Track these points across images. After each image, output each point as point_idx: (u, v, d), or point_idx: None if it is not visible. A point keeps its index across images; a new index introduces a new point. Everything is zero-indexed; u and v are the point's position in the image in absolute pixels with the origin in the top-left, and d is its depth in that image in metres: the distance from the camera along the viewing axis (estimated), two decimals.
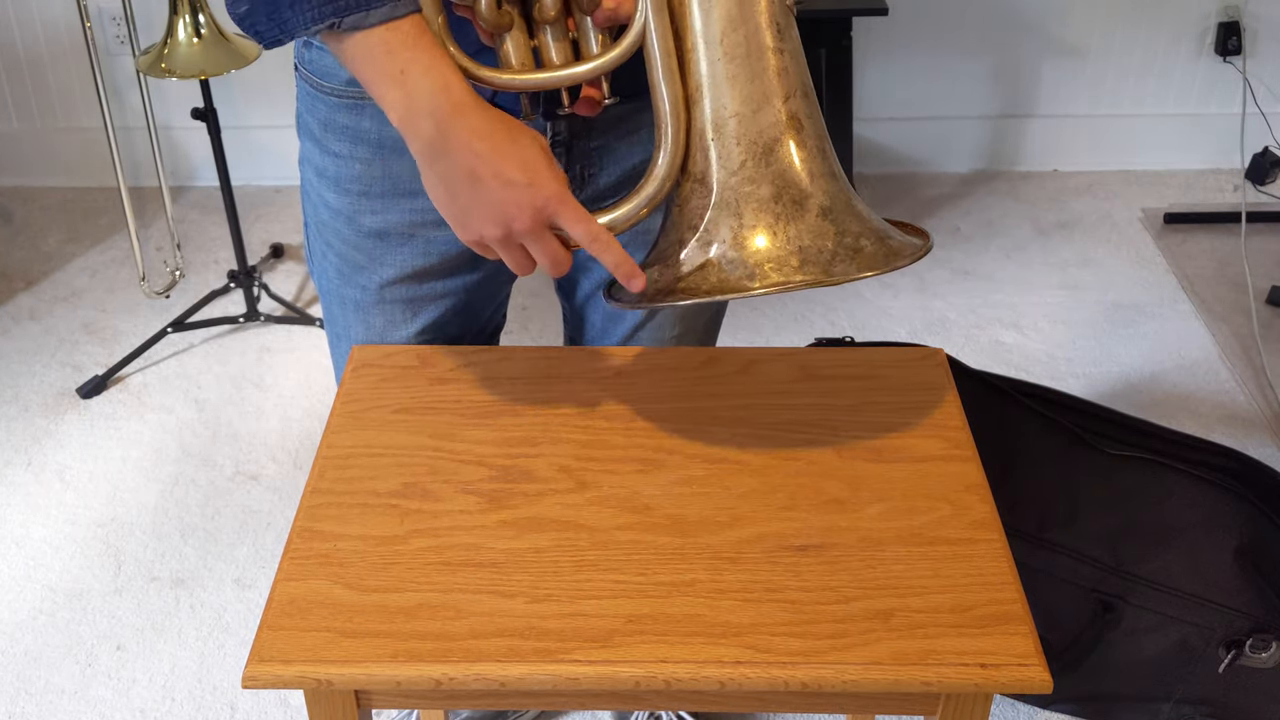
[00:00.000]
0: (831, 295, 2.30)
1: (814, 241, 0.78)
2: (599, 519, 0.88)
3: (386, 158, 1.00)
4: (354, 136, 1.00)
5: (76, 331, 2.23)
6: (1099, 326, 2.26)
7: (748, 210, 0.79)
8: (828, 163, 0.81)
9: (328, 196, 1.05)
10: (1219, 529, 1.32)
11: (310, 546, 0.86)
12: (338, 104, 0.99)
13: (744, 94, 0.79)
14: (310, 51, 0.99)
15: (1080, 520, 1.37)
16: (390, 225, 1.04)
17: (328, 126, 1.01)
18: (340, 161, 1.02)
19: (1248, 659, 1.32)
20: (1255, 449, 1.94)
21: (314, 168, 1.05)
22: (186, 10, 1.87)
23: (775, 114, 0.79)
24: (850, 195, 0.81)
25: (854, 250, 0.78)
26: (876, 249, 0.79)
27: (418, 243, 1.05)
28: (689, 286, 0.80)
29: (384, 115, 0.97)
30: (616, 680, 0.77)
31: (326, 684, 0.77)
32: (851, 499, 0.90)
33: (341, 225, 1.05)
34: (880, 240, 0.80)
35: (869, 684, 0.77)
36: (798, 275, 0.77)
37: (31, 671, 1.58)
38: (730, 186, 0.80)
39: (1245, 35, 2.58)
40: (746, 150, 0.79)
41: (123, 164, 2.07)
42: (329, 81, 0.99)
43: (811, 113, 0.81)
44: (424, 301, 1.09)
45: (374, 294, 1.08)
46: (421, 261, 1.06)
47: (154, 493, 1.86)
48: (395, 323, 1.10)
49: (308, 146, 1.05)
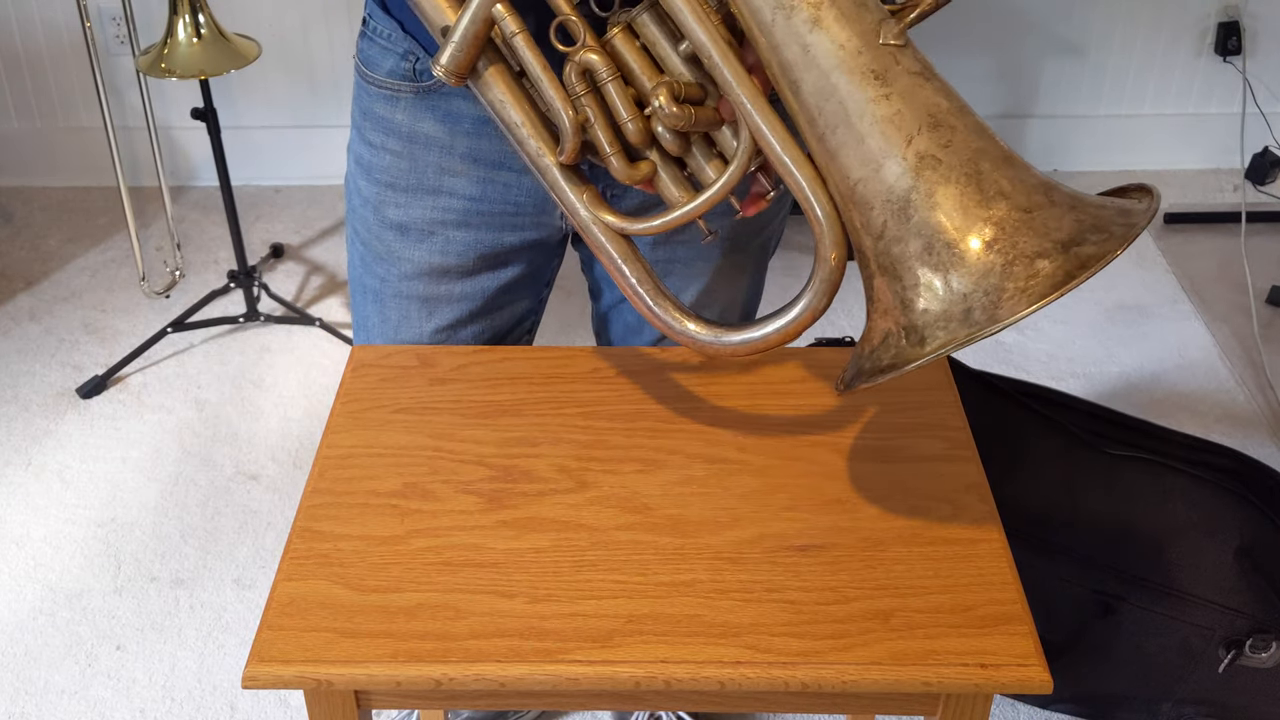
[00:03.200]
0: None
1: (978, 284, 0.72)
2: (599, 519, 0.88)
3: (415, 152, 1.01)
4: (387, 127, 1.01)
5: (76, 331, 2.23)
6: (1099, 326, 2.26)
7: (904, 272, 0.74)
8: (983, 187, 0.73)
9: (360, 184, 1.06)
10: (1219, 529, 1.32)
11: (310, 546, 0.86)
12: (377, 94, 1.01)
13: (858, 158, 0.75)
14: (363, 41, 1.01)
15: (1080, 520, 1.37)
16: (411, 220, 1.04)
17: (366, 115, 1.03)
18: (373, 151, 1.03)
19: (1248, 659, 1.32)
20: (1255, 449, 1.94)
21: (354, 155, 1.07)
22: (186, 10, 1.87)
23: (899, 165, 0.74)
24: (1022, 207, 0.73)
25: (1029, 277, 0.71)
26: (1057, 265, 0.71)
27: (436, 241, 1.05)
28: (871, 367, 0.76)
29: (416, 109, 1.00)
30: (616, 680, 0.77)
31: (326, 684, 0.77)
32: (852, 499, 0.90)
33: (368, 214, 1.06)
34: (1064, 250, 0.71)
35: (869, 684, 0.77)
36: (962, 330, 0.72)
37: (31, 671, 1.58)
38: (880, 252, 0.75)
39: (1245, 35, 2.58)
40: (882, 210, 0.75)
41: (123, 164, 2.07)
42: (373, 72, 1.00)
43: (949, 141, 0.74)
44: (440, 301, 1.09)
45: (392, 286, 1.08)
46: (439, 260, 1.06)
47: (154, 493, 1.86)
48: (410, 319, 1.10)
49: (352, 134, 1.07)
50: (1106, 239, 0.72)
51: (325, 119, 2.63)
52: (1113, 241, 0.71)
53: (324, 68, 2.58)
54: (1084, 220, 0.73)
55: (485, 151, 1.00)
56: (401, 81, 0.99)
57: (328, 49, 2.56)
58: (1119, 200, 0.76)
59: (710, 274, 1.11)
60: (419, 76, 0.98)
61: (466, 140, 1.00)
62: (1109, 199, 0.77)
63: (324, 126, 2.63)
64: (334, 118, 2.63)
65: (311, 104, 2.62)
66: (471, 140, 1.00)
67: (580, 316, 2.24)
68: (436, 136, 1.00)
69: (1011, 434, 1.41)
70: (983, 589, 0.82)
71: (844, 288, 0.84)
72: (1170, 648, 1.36)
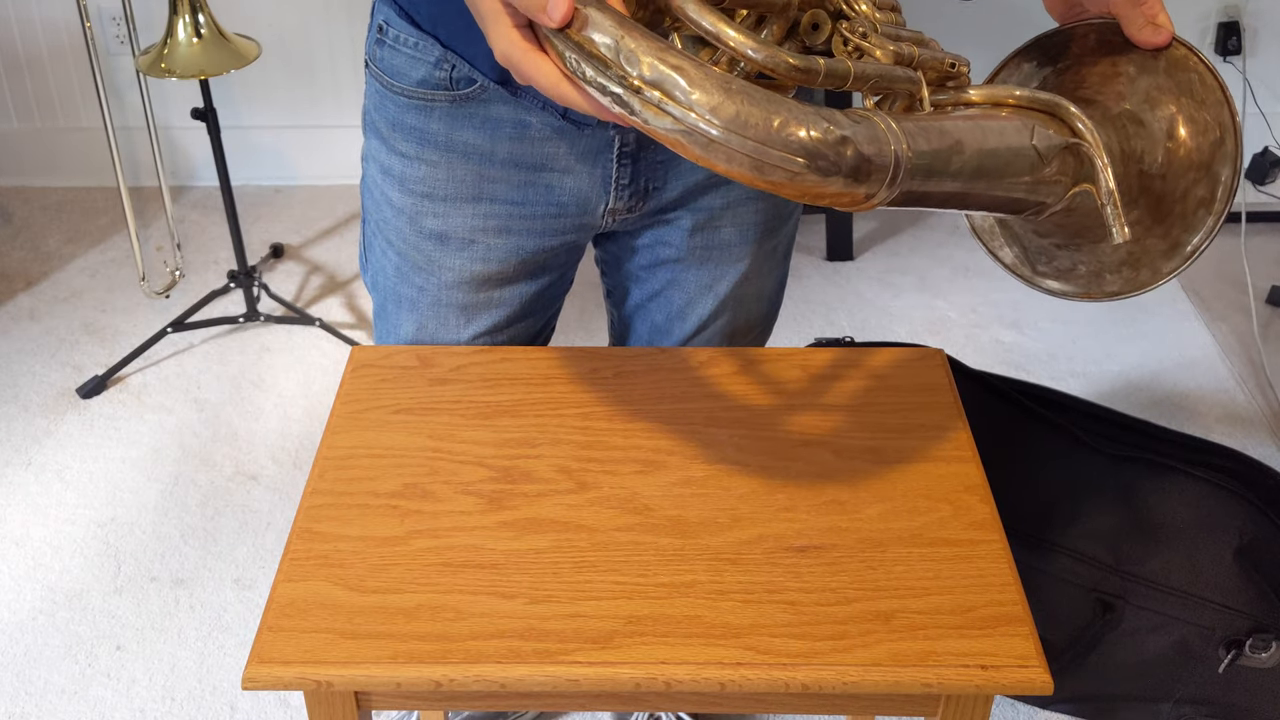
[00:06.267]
0: (831, 295, 2.30)
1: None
2: (599, 520, 0.88)
3: (453, 161, 1.00)
4: (422, 138, 1.00)
5: (76, 331, 2.23)
6: (1099, 326, 2.26)
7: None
8: None
9: (391, 195, 1.05)
10: (1219, 529, 1.32)
11: (310, 547, 0.85)
12: (407, 104, 0.99)
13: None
14: (382, 50, 0.99)
15: (1080, 520, 1.37)
16: (451, 229, 1.04)
17: (396, 126, 1.01)
18: (407, 162, 1.01)
19: (1248, 659, 1.32)
20: (1255, 449, 1.94)
21: (379, 165, 1.05)
22: (186, 10, 1.87)
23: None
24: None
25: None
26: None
27: (478, 248, 1.05)
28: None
29: (452, 118, 0.98)
30: (616, 681, 0.77)
31: (326, 685, 0.77)
32: (851, 500, 0.90)
33: (404, 225, 1.05)
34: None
35: (869, 685, 0.77)
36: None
37: (31, 671, 1.58)
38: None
39: (1245, 35, 2.58)
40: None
41: (123, 164, 2.07)
42: (400, 82, 0.98)
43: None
44: (479, 308, 1.09)
45: (430, 295, 1.08)
46: (480, 267, 1.06)
47: (154, 493, 1.86)
48: (448, 326, 1.10)
49: (374, 144, 1.05)
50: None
51: (325, 119, 2.63)
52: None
53: (324, 68, 2.58)
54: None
55: (527, 155, 1.00)
56: (436, 91, 0.97)
57: (328, 49, 2.56)
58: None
59: (748, 260, 1.12)
60: (455, 85, 0.96)
61: (508, 145, 0.99)
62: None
63: (324, 126, 2.63)
64: (334, 118, 2.63)
65: (311, 104, 2.62)
66: (513, 145, 0.99)
67: (580, 316, 2.24)
68: (476, 144, 0.99)
69: (1011, 434, 1.41)
70: (983, 590, 0.82)
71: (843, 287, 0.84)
72: (1170, 648, 1.36)
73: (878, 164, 0.62)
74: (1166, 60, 0.81)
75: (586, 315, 2.24)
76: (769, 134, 0.59)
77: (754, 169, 0.60)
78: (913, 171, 0.63)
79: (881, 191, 0.63)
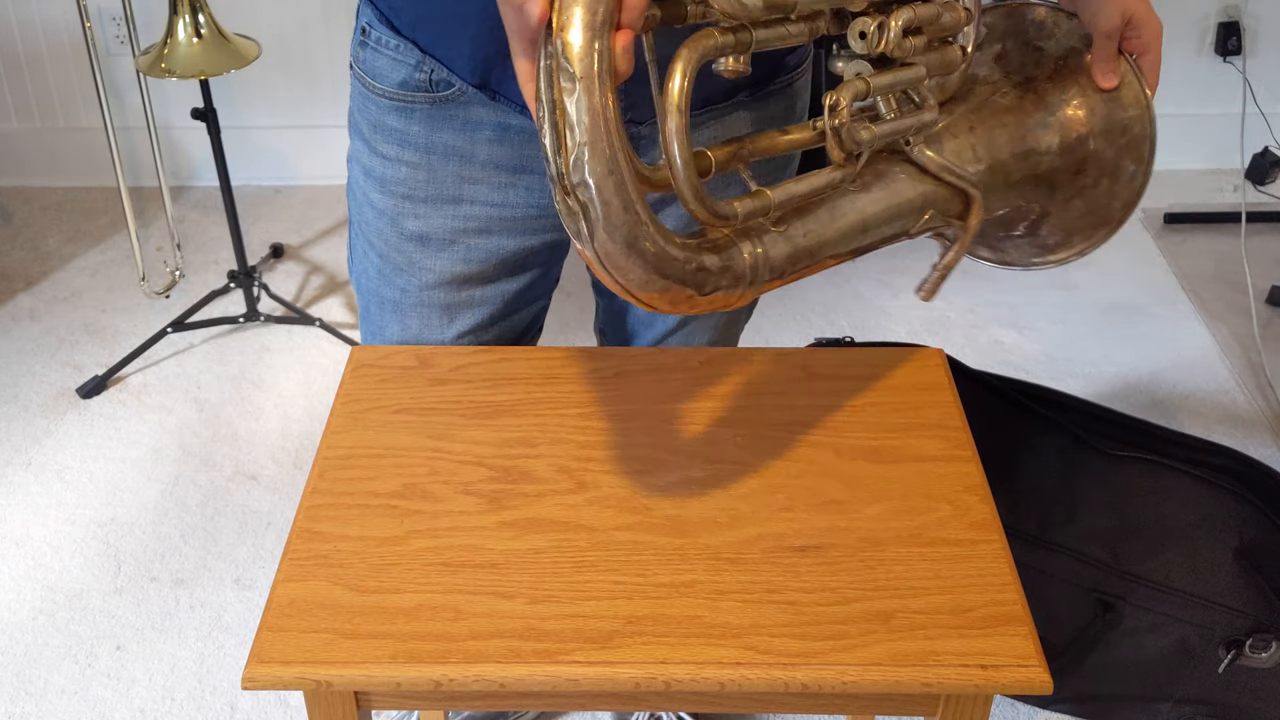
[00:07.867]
0: (831, 295, 2.30)
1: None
2: (598, 520, 0.88)
3: (433, 163, 1.00)
4: (402, 139, 1.00)
5: (76, 331, 2.23)
6: (1098, 326, 2.26)
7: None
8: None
9: (373, 196, 1.05)
10: (1219, 529, 1.32)
11: (310, 547, 0.86)
12: (389, 106, 0.99)
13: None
14: (364, 52, 1.00)
15: (1080, 520, 1.37)
16: (432, 230, 1.04)
17: (377, 128, 1.01)
18: (387, 163, 1.02)
19: (1248, 659, 1.32)
20: (1255, 449, 1.94)
21: (361, 167, 1.05)
22: (186, 10, 1.87)
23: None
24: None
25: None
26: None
27: (458, 249, 1.05)
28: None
29: (432, 120, 0.99)
30: (616, 681, 0.77)
31: (326, 685, 0.77)
32: (851, 500, 0.90)
33: (384, 226, 1.05)
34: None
35: (869, 685, 0.77)
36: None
37: (31, 671, 1.58)
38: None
39: (1245, 35, 2.58)
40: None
41: (123, 164, 2.07)
42: (381, 83, 0.99)
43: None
44: (461, 307, 1.09)
45: (413, 296, 1.08)
46: (461, 268, 1.06)
47: (154, 493, 1.86)
48: (431, 326, 1.10)
49: (357, 145, 1.05)
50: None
51: (325, 119, 2.63)
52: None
53: (324, 68, 2.58)
54: None
55: (506, 157, 1.00)
56: (416, 93, 0.97)
57: (327, 49, 2.56)
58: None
59: None
60: (435, 87, 0.97)
61: (487, 147, 0.99)
62: None
63: (324, 126, 2.63)
64: (334, 118, 2.63)
65: (311, 104, 2.62)
66: (493, 147, 0.99)
67: (580, 316, 2.24)
68: (456, 145, 0.99)
69: (1011, 434, 1.41)
70: (983, 590, 0.82)
71: (842, 288, 0.85)
72: (1170, 648, 1.36)
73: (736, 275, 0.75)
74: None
75: (586, 315, 2.24)
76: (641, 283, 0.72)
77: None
78: (774, 272, 0.78)
79: (750, 292, 0.76)
